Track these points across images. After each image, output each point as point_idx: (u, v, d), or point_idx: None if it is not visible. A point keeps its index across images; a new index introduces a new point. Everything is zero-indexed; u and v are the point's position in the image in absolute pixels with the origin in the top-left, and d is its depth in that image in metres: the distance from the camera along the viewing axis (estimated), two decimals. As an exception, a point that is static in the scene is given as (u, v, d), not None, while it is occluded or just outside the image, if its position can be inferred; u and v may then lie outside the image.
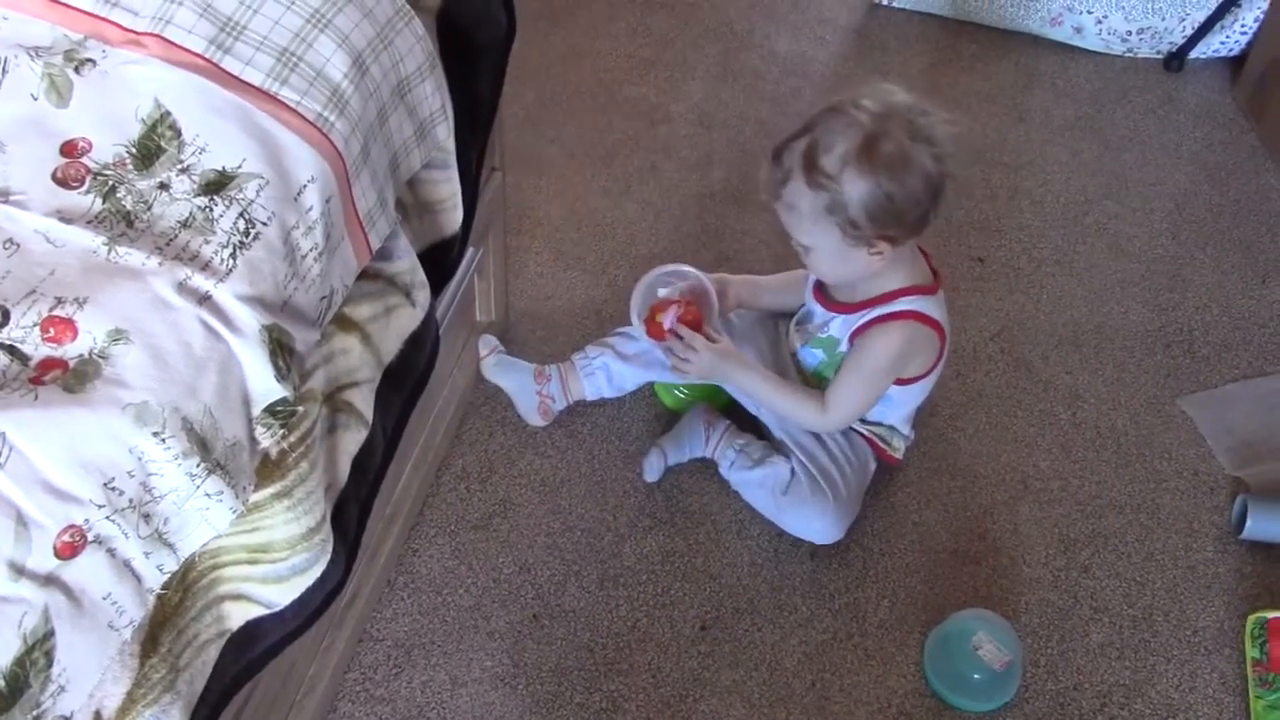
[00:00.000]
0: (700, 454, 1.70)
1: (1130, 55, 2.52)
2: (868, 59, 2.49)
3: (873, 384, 1.57)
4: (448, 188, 1.36)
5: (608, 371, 1.74)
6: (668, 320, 1.60)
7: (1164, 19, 2.44)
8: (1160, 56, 2.51)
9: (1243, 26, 2.43)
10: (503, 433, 1.76)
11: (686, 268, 1.65)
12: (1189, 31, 2.45)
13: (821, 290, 1.62)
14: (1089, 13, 2.45)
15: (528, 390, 1.76)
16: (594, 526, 1.67)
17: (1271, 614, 1.57)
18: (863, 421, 1.65)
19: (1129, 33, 2.47)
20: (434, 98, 1.26)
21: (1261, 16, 2.39)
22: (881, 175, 1.39)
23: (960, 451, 1.79)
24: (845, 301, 1.57)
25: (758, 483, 1.63)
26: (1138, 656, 1.57)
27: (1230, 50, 2.48)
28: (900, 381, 1.59)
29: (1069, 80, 2.47)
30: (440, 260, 1.40)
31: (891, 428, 1.67)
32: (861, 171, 1.39)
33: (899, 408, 1.64)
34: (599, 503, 1.69)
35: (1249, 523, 1.66)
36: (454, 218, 1.39)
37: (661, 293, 1.64)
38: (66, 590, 0.84)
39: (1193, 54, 2.48)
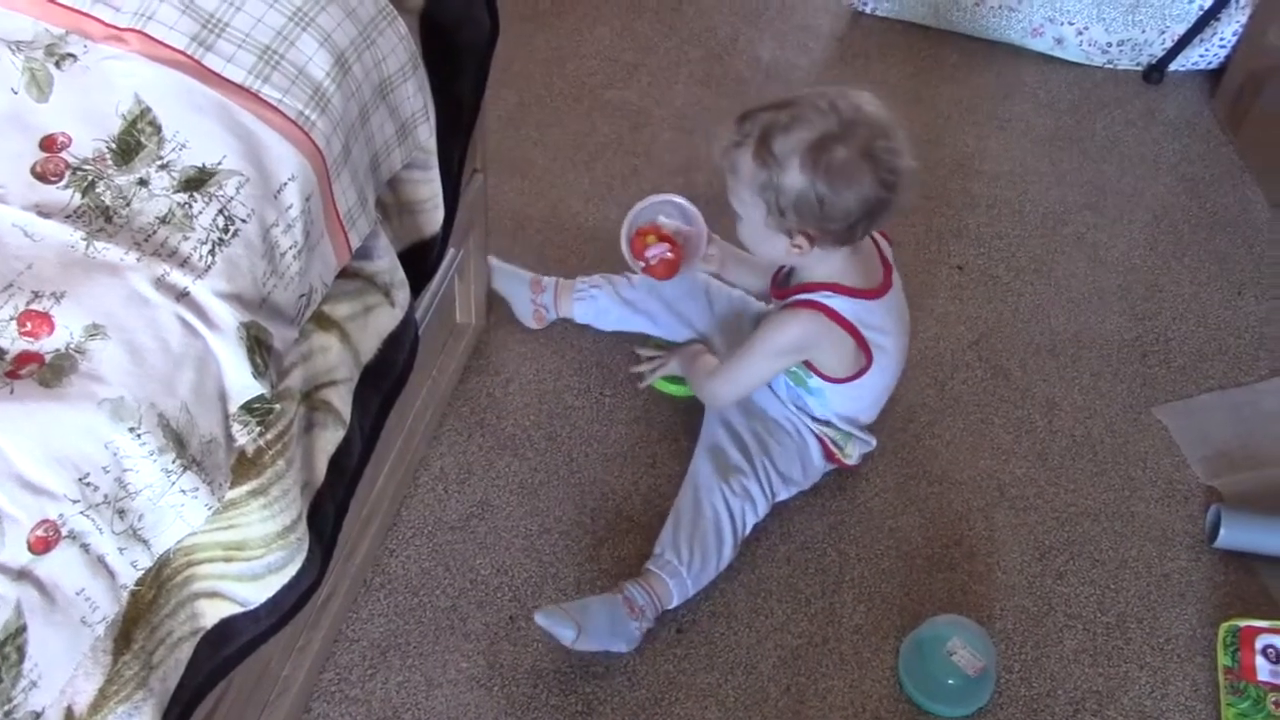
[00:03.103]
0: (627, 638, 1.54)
1: (1110, 67, 2.54)
2: (850, 67, 2.50)
3: (762, 359, 1.59)
4: (429, 188, 1.36)
5: (597, 304, 1.84)
6: (651, 253, 1.67)
7: (1144, 31, 2.46)
8: (1140, 68, 2.53)
9: (1221, 40, 2.45)
10: (481, 434, 1.76)
11: (693, 210, 1.70)
12: (1169, 44, 2.46)
13: (776, 282, 1.65)
14: (1070, 24, 2.47)
15: (523, 297, 1.88)
16: (572, 529, 1.67)
17: (1244, 622, 1.59)
18: (813, 420, 1.66)
19: (1109, 44, 2.49)
20: (416, 98, 1.26)
21: (1240, 30, 2.42)
22: (820, 177, 1.40)
23: (937, 458, 1.80)
24: (789, 287, 1.60)
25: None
26: (1111, 663, 1.58)
27: (1209, 63, 2.50)
28: (825, 377, 1.60)
29: (1049, 91, 2.49)
30: (420, 261, 1.40)
31: (846, 433, 1.67)
32: (804, 166, 1.41)
33: (831, 405, 1.65)
34: (577, 505, 1.69)
35: (1222, 532, 1.67)
36: (435, 218, 1.39)
37: (662, 218, 1.70)
38: (39, 585, 0.84)
39: (1172, 66, 2.50)
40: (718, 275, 1.80)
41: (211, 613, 1.06)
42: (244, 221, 1.00)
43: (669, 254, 1.66)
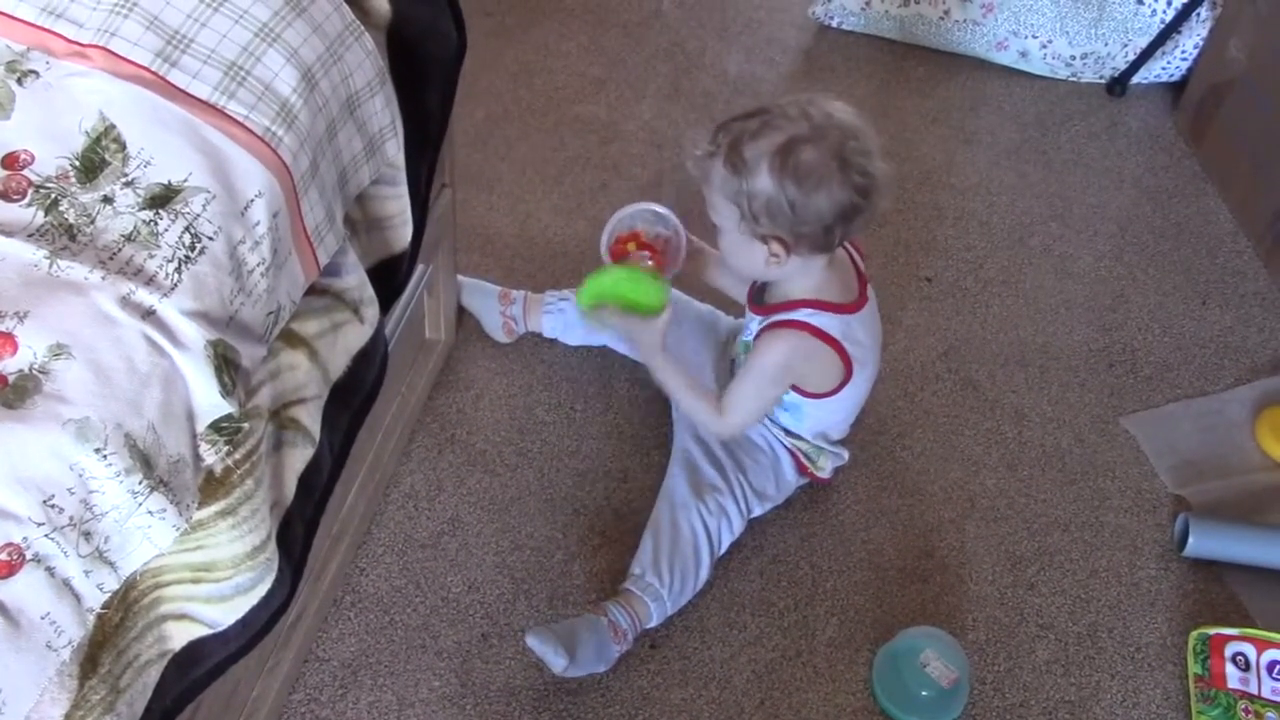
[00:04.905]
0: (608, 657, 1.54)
1: (1074, 80, 2.56)
2: (817, 80, 2.51)
3: (760, 388, 1.58)
4: (397, 204, 1.35)
5: (566, 317, 1.84)
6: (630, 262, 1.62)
7: (1107, 44, 2.48)
8: (1103, 81, 2.56)
9: (1183, 53, 2.48)
10: (452, 451, 1.75)
11: (672, 217, 1.66)
12: (1131, 57, 2.49)
13: (752, 297, 1.64)
14: (1034, 37, 2.49)
15: (492, 310, 1.87)
16: (544, 545, 1.66)
17: (1213, 630, 1.60)
18: (786, 434, 1.66)
19: (1073, 57, 2.51)
20: (384, 113, 1.25)
21: (1201, 43, 2.44)
22: (789, 180, 1.40)
23: (908, 470, 1.80)
24: (767, 304, 1.59)
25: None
26: (1083, 673, 1.59)
27: (1171, 76, 2.53)
28: (804, 393, 1.59)
29: (1014, 104, 2.51)
30: (389, 277, 1.40)
31: (817, 447, 1.67)
32: (772, 170, 1.40)
33: (810, 421, 1.64)
34: (549, 521, 1.69)
35: (1190, 540, 1.68)
36: (403, 234, 1.38)
37: (641, 226, 1.66)
38: (3, 610, 0.83)
39: (1135, 79, 2.52)
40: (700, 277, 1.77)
41: (180, 635, 1.05)
42: (211, 239, 1.00)
43: (649, 262, 1.64)
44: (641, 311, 1.58)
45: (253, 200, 1.04)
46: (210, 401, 0.97)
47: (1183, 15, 2.40)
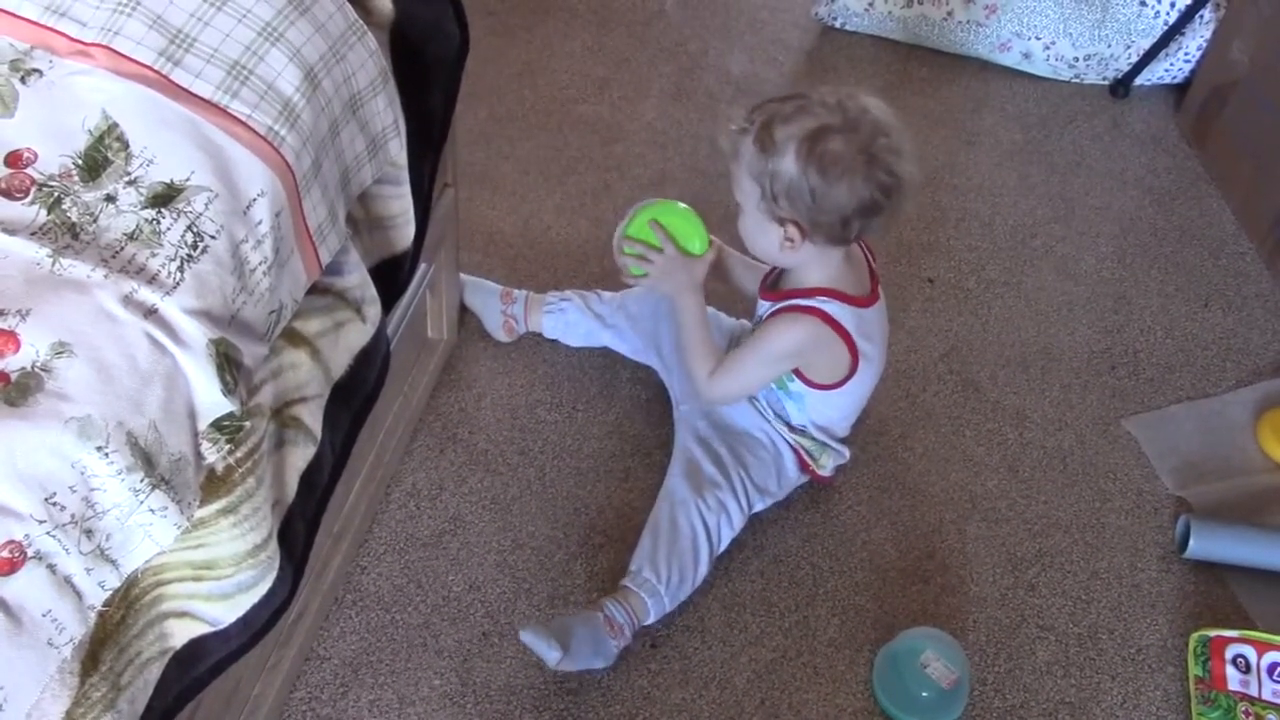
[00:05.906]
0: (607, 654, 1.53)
1: (1077, 81, 2.56)
2: (820, 81, 2.51)
3: (760, 365, 1.59)
4: (399, 203, 1.35)
5: (566, 317, 1.85)
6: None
7: (1110, 46, 2.48)
8: (1106, 82, 2.56)
9: (1186, 54, 2.48)
10: (453, 450, 1.75)
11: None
12: (1134, 58, 2.49)
13: (765, 285, 1.65)
14: (1037, 39, 2.49)
15: (493, 309, 1.88)
16: (545, 544, 1.66)
17: (1214, 632, 1.60)
18: (790, 429, 1.66)
19: (1076, 59, 2.51)
20: (386, 113, 1.25)
21: (1204, 45, 2.44)
22: (812, 167, 1.41)
23: (909, 470, 1.80)
24: (781, 290, 1.60)
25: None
26: (1083, 674, 1.59)
27: (1174, 77, 2.53)
28: (810, 383, 1.60)
29: (1017, 105, 2.51)
30: (391, 276, 1.40)
31: (820, 443, 1.67)
32: (798, 154, 1.41)
33: (809, 411, 1.65)
34: (550, 520, 1.69)
35: (1191, 542, 1.68)
36: (405, 233, 1.39)
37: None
38: (5, 607, 0.83)
39: (1138, 80, 2.53)
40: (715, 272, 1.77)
41: (181, 633, 1.05)
42: (213, 238, 1.00)
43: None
44: (684, 251, 1.63)
45: (255, 199, 1.04)
46: (212, 400, 0.97)
47: (1186, 17, 2.40)
